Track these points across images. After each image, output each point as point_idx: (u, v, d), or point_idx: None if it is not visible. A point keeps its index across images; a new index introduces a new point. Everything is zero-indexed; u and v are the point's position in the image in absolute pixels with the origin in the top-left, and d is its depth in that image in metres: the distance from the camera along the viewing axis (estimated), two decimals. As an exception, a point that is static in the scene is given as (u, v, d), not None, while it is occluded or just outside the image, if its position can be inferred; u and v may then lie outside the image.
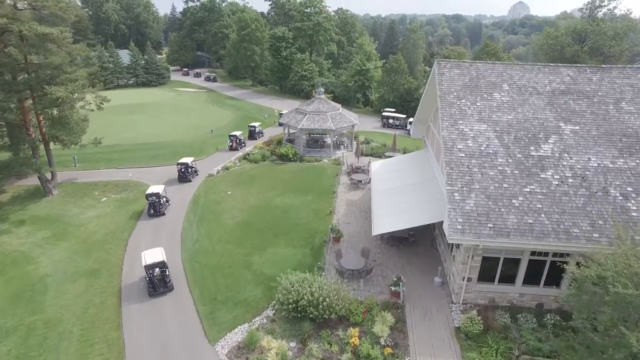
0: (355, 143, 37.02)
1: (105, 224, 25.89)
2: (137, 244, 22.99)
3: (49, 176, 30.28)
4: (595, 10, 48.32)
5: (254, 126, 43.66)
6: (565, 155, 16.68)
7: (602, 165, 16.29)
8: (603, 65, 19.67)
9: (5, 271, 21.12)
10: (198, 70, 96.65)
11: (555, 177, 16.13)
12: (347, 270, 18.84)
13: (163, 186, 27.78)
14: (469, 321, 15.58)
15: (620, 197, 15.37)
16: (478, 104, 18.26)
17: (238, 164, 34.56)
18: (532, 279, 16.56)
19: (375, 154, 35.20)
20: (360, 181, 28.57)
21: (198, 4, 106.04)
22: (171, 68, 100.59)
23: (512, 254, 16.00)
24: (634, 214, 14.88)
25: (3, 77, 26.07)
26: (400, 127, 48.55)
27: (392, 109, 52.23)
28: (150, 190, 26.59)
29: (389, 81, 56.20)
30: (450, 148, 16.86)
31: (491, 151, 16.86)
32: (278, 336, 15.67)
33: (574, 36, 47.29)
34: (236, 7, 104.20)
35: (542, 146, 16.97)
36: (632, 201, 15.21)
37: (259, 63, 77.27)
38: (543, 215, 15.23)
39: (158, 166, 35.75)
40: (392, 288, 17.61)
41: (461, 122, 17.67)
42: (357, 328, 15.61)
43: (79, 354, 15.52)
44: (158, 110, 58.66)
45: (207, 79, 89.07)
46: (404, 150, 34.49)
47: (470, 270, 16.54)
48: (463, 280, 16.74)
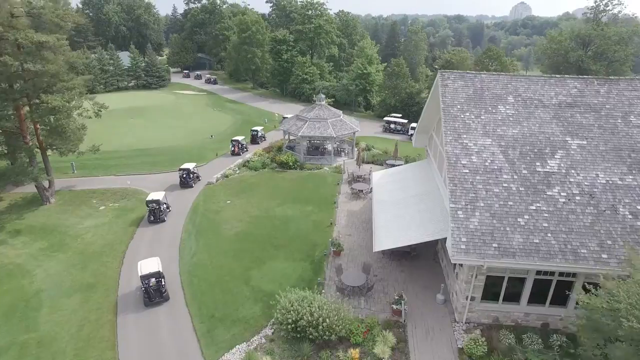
0: (356, 150, 36.59)
1: (103, 234, 25.52)
2: (135, 256, 22.59)
3: (46, 184, 29.95)
4: (600, 15, 47.79)
5: (257, 130, 43.87)
6: (572, 171, 16.23)
7: (610, 182, 15.83)
8: (611, 77, 19.19)
9: (0, 284, 20.78)
10: (199, 73, 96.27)
11: (562, 194, 15.68)
12: (347, 287, 18.43)
13: (163, 193, 27.58)
14: (472, 343, 15.17)
15: (630, 216, 14.92)
16: (482, 117, 17.80)
17: (238, 172, 34.16)
18: (537, 298, 16.14)
19: (377, 162, 34.74)
20: (362, 191, 28.13)
21: (199, 5, 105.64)
22: (172, 70, 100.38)
23: (517, 273, 15.56)
24: (644, 233, 14.44)
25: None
26: (401, 132, 48.07)
27: (399, 115, 51.15)
28: (150, 197, 26.47)
29: (390, 85, 55.71)
30: (454, 164, 16.41)
31: (496, 167, 16.41)
32: (277, 357, 15.29)
33: (578, 41, 46.77)
34: (237, 8, 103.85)
35: (549, 162, 16.51)
36: (642, 220, 14.75)
37: (260, 66, 76.85)
38: (549, 235, 14.78)
39: (157, 173, 35.37)
40: (394, 306, 17.20)
41: (465, 136, 17.22)
42: (357, 349, 15.21)
43: (73, 375, 15.16)
44: (158, 114, 58.29)
45: (208, 81, 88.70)
46: (406, 159, 34.04)
47: (474, 290, 16.11)
48: (466, 300, 16.31)
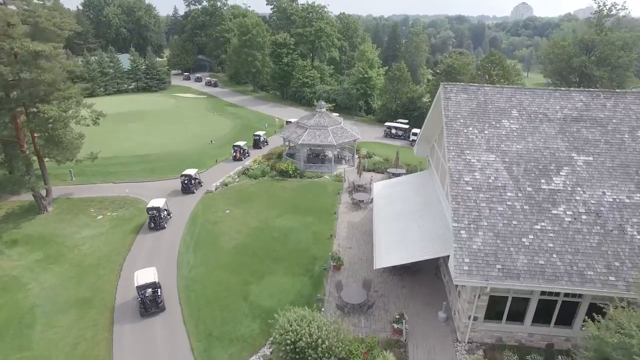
0: (357, 157, 36.20)
1: (100, 245, 25.19)
2: (132, 269, 22.13)
3: (43, 193, 29.62)
4: (603, 20, 47.27)
5: (259, 135, 43.91)
6: (578, 188, 15.83)
7: (617, 200, 15.42)
8: (617, 90, 18.76)
9: (-6, 299, 20.47)
10: (199, 75, 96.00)
11: (568, 213, 15.29)
12: (347, 304, 18.06)
13: (164, 200, 27.55)
14: (475, 365, 14.79)
15: (638, 236, 14.52)
16: (486, 132, 17.41)
17: (237, 180, 33.80)
18: (542, 317, 15.78)
19: (378, 170, 34.34)
20: (362, 201, 27.75)
21: (199, 7, 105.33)
22: (172, 72, 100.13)
23: (521, 293, 15.18)
24: (653, 255, 14.05)
25: (-5, 94, 25.44)
26: (403, 138, 47.65)
27: (405, 121, 50.15)
28: (151, 203, 26.56)
29: (391, 89, 55.28)
30: (457, 181, 16.03)
31: (500, 184, 16.02)
32: (275, 379, 14.91)
33: (581, 46, 46.30)
34: (238, 10, 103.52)
35: (554, 179, 16.12)
36: (651, 241, 14.36)
37: (260, 69, 76.47)
38: (555, 256, 14.40)
39: (156, 180, 35.04)
40: (395, 325, 16.84)
41: (468, 152, 16.83)
42: (358, 371, 14.84)
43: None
44: (157, 118, 57.97)
45: (208, 83, 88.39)
46: (408, 167, 33.64)
47: (477, 309, 15.73)
48: (469, 319, 15.94)
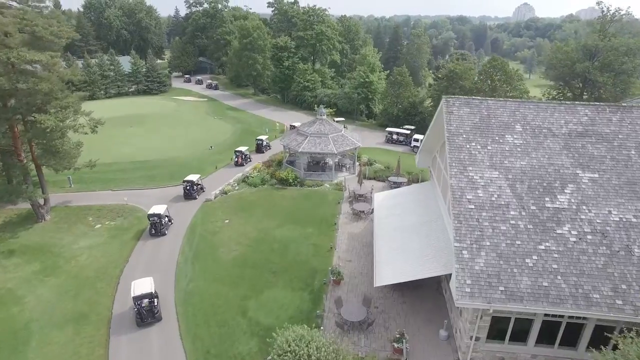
0: (357, 165, 35.85)
1: (98, 256, 24.92)
2: (129, 282, 21.82)
3: (41, 201, 29.37)
4: (607, 25, 46.84)
5: (262, 139, 44.07)
6: (584, 207, 15.48)
7: (624, 219, 15.07)
8: (623, 104, 18.42)
9: (-10, 313, 20.20)
10: (200, 77, 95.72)
11: (573, 232, 14.94)
12: (347, 322, 17.74)
13: (165, 206, 27.67)
14: (478, 389, 14.45)
15: (645, 258, 14.16)
16: (489, 148, 17.08)
17: (237, 187, 33.51)
18: (546, 338, 15.46)
19: (379, 178, 34.00)
20: (363, 211, 27.41)
21: (200, 9, 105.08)
22: (173, 74, 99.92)
23: (524, 314, 14.84)
24: (661, 278, 13.70)
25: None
26: (404, 144, 47.27)
27: (412, 127, 49.12)
28: (152, 210, 26.77)
29: (392, 94, 54.94)
30: (459, 199, 15.69)
31: (503, 202, 15.68)
32: (273, 402, 14.58)
33: (585, 51, 45.89)
34: (239, 12, 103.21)
35: (558, 197, 15.77)
36: (659, 263, 14.02)
37: (261, 72, 76.18)
38: (559, 278, 14.06)
39: (155, 188, 34.77)
40: (395, 344, 16.53)
41: (471, 168, 16.50)
42: (357, 394, 14.52)
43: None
44: (158, 122, 57.69)
45: (209, 86, 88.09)
46: (409, 176, 33.28)
47: (479, 330, 15.40)
48: (471, 339, 15.60)
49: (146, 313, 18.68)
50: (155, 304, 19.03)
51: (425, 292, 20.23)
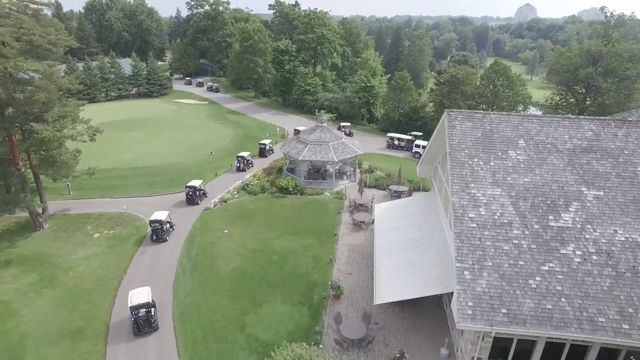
0: (358, 173, 35.53)
1: (95, 267, 24.67)
2: (127, 294, 21.65)
3: (39, 210, 29.17)
4: (610, 30, 46.41)
5: (264, 144, 44.42)
6: (588, 226, 15.15)
7: (630, 239, 14.73)
8: (629, 119, 18.08)
9: (-16, 328, 19.97)
10: (201, 80, 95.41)
11: (577, 252, 14.62)
12: (347, 339, 17.45)
13: (167, 212, 27.88)
14: (480, 413, 14.15)
15: (652, 280, 13.83)
16: (492, 164, 16.76)
17: (237, 195, 33.25)
18: (550, 359, 15.10)
19: (380, 187, 33.67)
20: (363, 222, 27.11)
21: (202, 11, 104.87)
22: (174, 76, 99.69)
23: (527, 336, 14.51)
24: (667, 301, 13.36)
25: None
26: (405, 149, 46.91)
27: (420, 134, 47.58)
28: (153, 216, 27.03)
29: (394, 98, 54.61)
30: (461, 217, 15.38)
31: (506, 221, 15.36)
32: None
33: (588, 57, 45.47)
34: (240, 14, 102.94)
35: (562, 215, 15.45)
36: (665, 285, 13.68)
37: (262, 75, 75.89)
38: (564, 300, 13.75)
39: (154, 195, 34.51)
40: (396, 364, 16.24)
41: (473, 185, 16.19)
42: (356, 417, 14.23)
43: None
44: (158, 126, 57.44)
45: (210, 89, 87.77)
46: (411, 185, 32.94)
47: (481, 351, 15.10)
48: (473, 360, 15.31)
49: (143, 323, 18.98)
50: (152, 313, 19.28)
51: (426, 307, 19.93)
